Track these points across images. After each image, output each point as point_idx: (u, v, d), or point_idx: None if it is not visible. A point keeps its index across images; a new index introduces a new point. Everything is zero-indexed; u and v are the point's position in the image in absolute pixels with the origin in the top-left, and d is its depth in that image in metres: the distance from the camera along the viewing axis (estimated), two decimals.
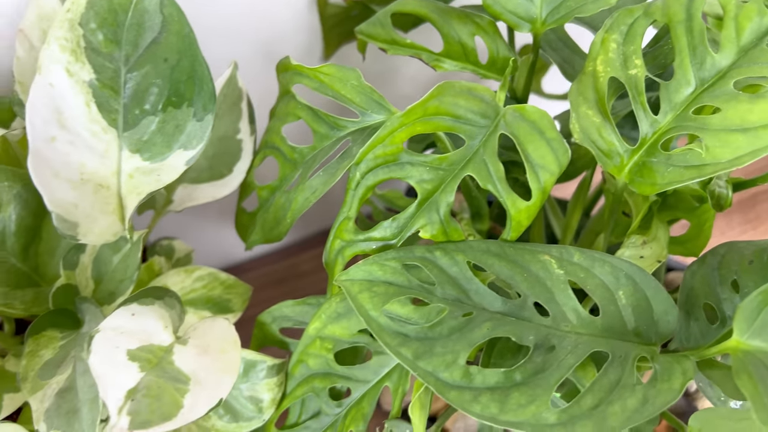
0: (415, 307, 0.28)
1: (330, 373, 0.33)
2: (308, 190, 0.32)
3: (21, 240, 0.34)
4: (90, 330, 0.33)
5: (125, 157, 0.31)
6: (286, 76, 0.33)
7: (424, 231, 0.29)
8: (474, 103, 0.28)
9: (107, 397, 0.26)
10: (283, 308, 0.35)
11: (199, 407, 0.27)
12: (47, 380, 0.32)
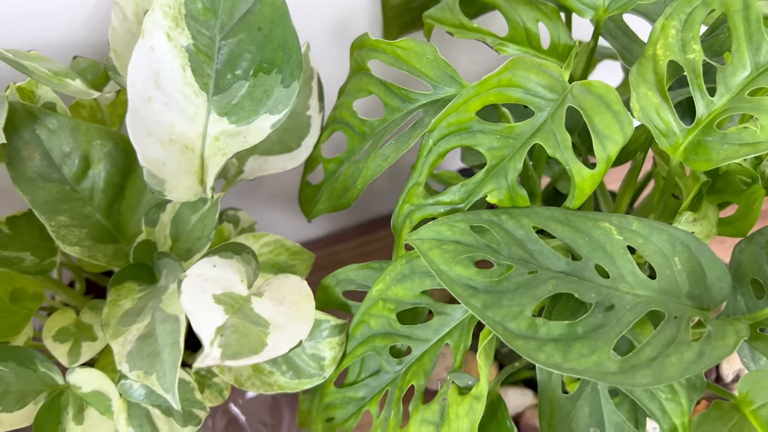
0: (478, 270, 0.30)
1: (391, 333, 0.35)
2: (380, 157, 0.34)
3: (107, 197, 0.36)
4: (167, 283, 0.35)
5: (213, 120, 0.33)
6: (362, 53, 0.36)
7: (491, 196, 0.31)
8: (543, 77, 0.30)
9: (200, 331, 0.28)
10: (347, 271, 0.37)
11: (281, 345, 0.29)
12: (127, 327, 0.34)
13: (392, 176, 0.67)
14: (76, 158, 0.35)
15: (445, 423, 0.30)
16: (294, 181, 0.59)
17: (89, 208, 0.36)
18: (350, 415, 0.37)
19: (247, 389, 0.37)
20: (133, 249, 0.36)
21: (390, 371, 0.35)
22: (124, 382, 0.34)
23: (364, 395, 0.36)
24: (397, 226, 0.33)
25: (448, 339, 0.33)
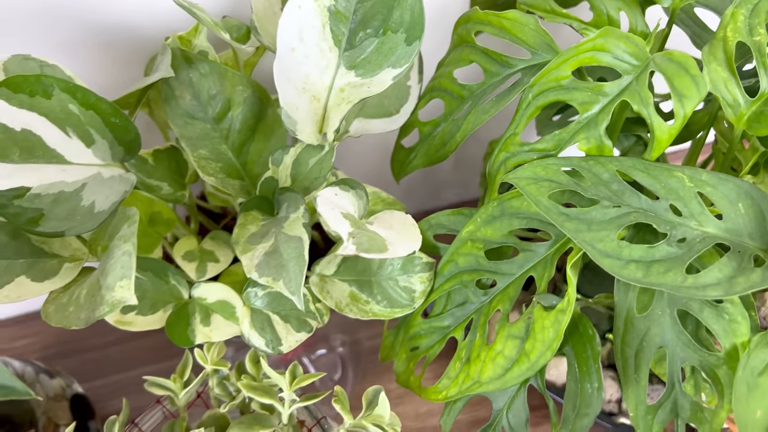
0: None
1: (478, 269, 0.40)
2: (480, 111, 0.39)
3: (240, 138, 0.42)
4: (287, 214, 0.40)
5: (341, 74, 0.39)
6: (467, 26, 0.41)
7: (581, 144, 0.36)
8: (630, 46, 0.36)
9: (340, 230, 0.33)
10: (439, 217, 0.42)
11: (400, 250, 0.34)
12: (254, 245, 0.39)
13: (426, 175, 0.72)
14: (220, 101, 0.41)
15: (530, 336, 0.35)
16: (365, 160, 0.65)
17: (224, 146, 0.42)
18: (434, 343, 0.42)
19: (346, 314, 0.42)
20: (261, 183, 0.41)
21: (475, 302, 0.40)
22: (249, 291, 0.40)
23: (449, 324, 0.41)
24: (492, 172, 0.39)
25: (532, 272, 0.38)
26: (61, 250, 0.39)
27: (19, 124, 0.35)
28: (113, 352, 0.69)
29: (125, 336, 0.70)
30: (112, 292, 0.32)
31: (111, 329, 0.70)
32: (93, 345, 0.70)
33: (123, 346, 0.69)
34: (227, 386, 0.42)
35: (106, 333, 0.70)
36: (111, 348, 0.69)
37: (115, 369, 0.67)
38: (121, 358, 0.68)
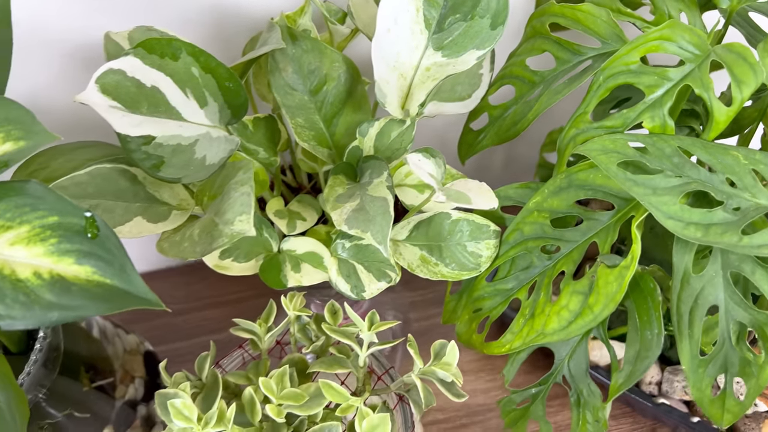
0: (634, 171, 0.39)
1: (543, 236, 0.44)
2: (552, 93, 0.43)
3: (332, 110, 0.47)
4: (371, 179, 0.45)
5: (428, 54, 0.44)
6: (542, 19, 0.46)
7: (646, 122, 0.40)
8: (693, 37, 0.40)
9: (431, 180, 0.38)
10: (507, 190, 0.46)
11: (482, 204, 0.38)
12: (342, 204, 0.44)
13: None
14: (317, 75, 0.46)
15: (593, 291, 0.39)
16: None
17: (317, 116, 0.46)
18: (497, 304, 0.46)
19: (417, 274, 0.46)
20: (348, 150, 0.46)
21: (539, 266, 0.44)
22: (336, 243, 0.44)
23: (512, 287, 0.45)
24: (562, 147, 0.43)
25: (595, 238, 0.42)
26: (170, 199, 0.44)
27: (149, 82, 0.40)
28: (178, 321, 0.74)
29: (189, 308, 0.75)
30: (231, 225, 0.37)
31: (178, 300, 0.75)
32: (159, 314, 0.74)
33: (186, 317, 0.74)
34: (307, 332, 0.46)
35: (174, 303, 0.75)
36: (176, 317, 0.74)
37: (179, 337, 0.71)
38: (184, 327, 0.73)
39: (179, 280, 0.78)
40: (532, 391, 0.45)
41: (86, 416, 0.53)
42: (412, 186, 0.49)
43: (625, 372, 0.39)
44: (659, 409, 0.54)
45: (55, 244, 0.34)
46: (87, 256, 0.34)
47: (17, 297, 0.33)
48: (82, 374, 0.54)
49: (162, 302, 0.34)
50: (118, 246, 0.34)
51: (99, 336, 0.57)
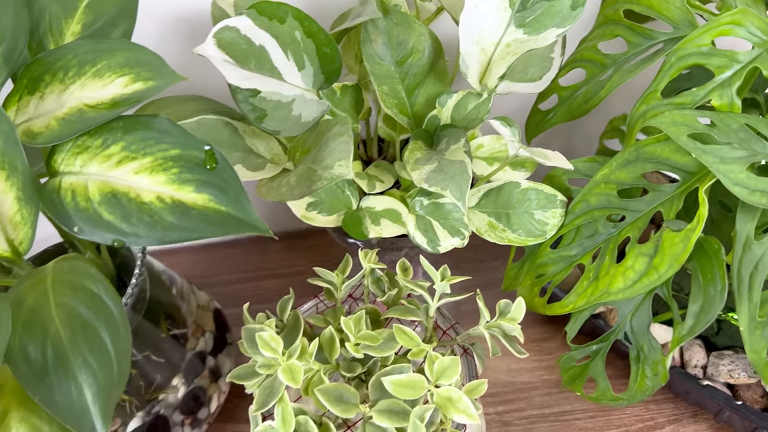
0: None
1: (609, 206, 0.47)
2: (624, 72, 0.47)
3: (414, 81, 0.50)
4: (448, 146, 0.48)
5: (510, 31, 0.47)
6: (616, 6, 0.49)
7: (714, 100, 0.43)
8: (761, 24, 0.43)
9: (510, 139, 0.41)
10: (576, 163, 0.49)
11: (558, 164, 0.42)
12: (421, 166, 0.47)
13: None
14: (405, 47, 0.49)
15: (659, 253, 0.42)
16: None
17: (400, 86, 0.50)
18: (561, 270, 0.49)
19: (485, 238, 0.49)
20: (428, 119, 0.49)
21: (604, 233, 0.47)
22: (415, 200, 0.47)
23: (576, 253, 0.48)
24: (632, 123, 0.46)
25: (660, 207, 0.45)
26: (266, 152, 0.48)
27: (258, 41, 0.44)
28: (237, 288, 0.77)
29: (245, 278, 0.79)
30: (331, 170, 0.40)
31: (234, 270, 0.79)
32: (220, 281, 0.78)
33: (244, 285, 0.78)
34: (380, 285, 0.49)
35: (233, 272, 0.79)
36: (235, 285, 0.78)
37: (237, 303, 0.75)
38: (243, 294, 0.77)
39: (237, 252, 0.82)
40: (593, 347, 0.48)
41: (161, 361, 0.57)
42: (482, 158, 0.53)
43: (688, 325, 0.41)
44: (704, 390, 0.56)
45: (177, 173, 0.38)
46: (205, 185, 0.38)
47: (142, 217, 0.37)
48: (162, 322, 0.58)
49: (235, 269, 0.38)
50: (234, 178, 0.38)
51: (177, 291, 0.60)
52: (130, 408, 0.55)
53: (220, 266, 0.80)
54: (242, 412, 0.67)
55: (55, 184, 0.39)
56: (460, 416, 0.40)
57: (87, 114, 0.39)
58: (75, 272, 0.40)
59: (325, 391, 0.42)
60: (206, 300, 0.64)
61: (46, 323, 0.38)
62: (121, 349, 0.38)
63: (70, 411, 0.37)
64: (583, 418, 0.65)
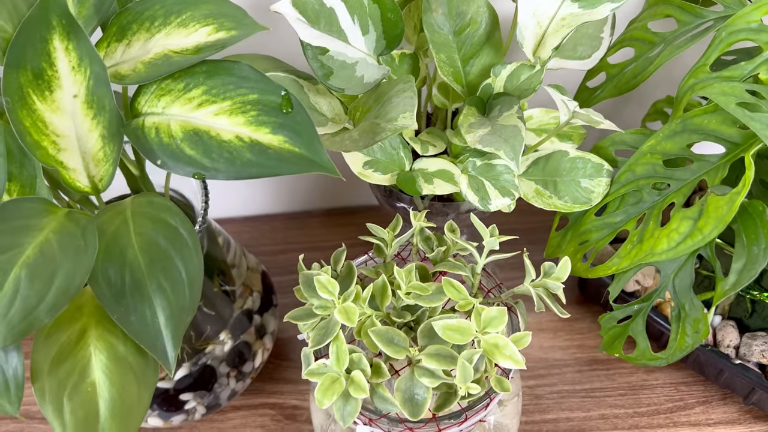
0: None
1: (654, 176, 0.49)
2: (674, 48, 0.49)
3: (470, 51, 0.53)
4: (500, 113, 0.51)
5: (565, 5, 0.50)
6: None
7: (762, 74, 0.45)
8: None
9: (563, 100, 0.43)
10: (622, 135, 0.51)
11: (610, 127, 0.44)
12: (475, 130, 0.49)
13: None
14: (463, 18, 0.52)
15: (703, 215, 0.44)
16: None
17: (457, 55, 0.53)
18: (604, 236, 0.51)
19: (531, 203, 0.52)
20: (482, 87, 0.52)
21: (649, 201, 0.49)
22: (468, 161, 0.50)
23: (620, 219, 0.50)
24: (680, 95, 0.48)
25: (705, 176, 0.47)
26: (328, 111, 0.51)
27: (329, 3, 0.47)
28: (280, 258, 0.80)
29: (287, 249, 0.82)
30: (395, 122, 0.43)
31: (277, 242, 0.82)
32: (264, 251, 0.81)
33: (287, 255, 0.81)
34: (429, 244, 0.51)
35: (276, 244, 0.82)
36: (278, 255, 0.81)
37: (280, 272, 0.78)
38: (285, 264, 0.79)
39: (279, 225, 0.85)
40: (634, 307, 0.49)
41: (212, 314, 0.60)
42: (531, 129, 0.55)
43: (731, 281, 0.43)
44: (736, 369, 0.58)
45: (255, 116, 0.41)
46: (281, 127, 0.40)
47: (222, 153, 0.40)
48: (215, 278, 0.61)
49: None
50: (308, 122, 0.40)
51: (231, 251, 0.63)
52: (181, 354, 0.58)
53: (263, 237, 0.83)
54: (282, 373, 0.70)
55: (139, 123, 0.42)
56: (507, 362, 0.42)
57: (172, 58, 0.42)
58: (153, 206, 0.43)
59: (377, 332, 0.44)
60: (255, 263, 0.67)
61: (126, 250, 0.41)
62: (194, 277, 0.41)
63: (144, 332, 0.39)
64: (614, 395, 0.66)
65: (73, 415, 0.39)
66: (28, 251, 0.37)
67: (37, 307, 0.35)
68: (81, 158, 0.43)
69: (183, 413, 0.60)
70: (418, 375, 0.43)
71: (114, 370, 0.40)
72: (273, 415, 0.66)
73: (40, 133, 0.41)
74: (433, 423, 0.45)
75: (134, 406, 0.41)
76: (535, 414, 0.65)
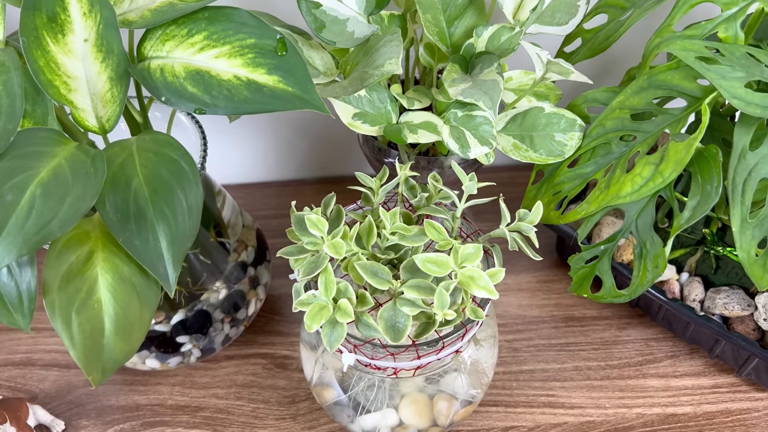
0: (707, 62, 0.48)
1: (622, 129, 0.52)
2: (642, 10, 0.53)
3: (455, 13, 0.57)
4: (481, 71, 0.54)
5: None
6: None
7: (720, 32, 0.49)
8: None
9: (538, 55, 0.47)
10: (595, 93, 0.55)
11: (580, 79, 0.47)
12: (457, 84, 0.53)
13: None
14: None
15: (664, 160, 0.47)
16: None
17: (441, 17, 0.56)
18: (576, 186, 0.54)
19: (509, 155, 0.55)
20: (465, 46, 0.55)
21: (617, 152, 0.52)
22: (449, 113, 0.53)
23: (591, 170, 0.53)
24: (646, 53, 0.52)
25: (668, 127, 0.50)
26: (320, 65, 0.54)
27: None
28: (274, 222, 0.84)
29: (280, 214, 0.85)
30: (382, 68, 0.46)
31: (270, 207, 0.85)
32: (259, 215, 0.85)
33: (281, 220, 0.84)
34: (414, 191, 0.55)
35: (270, 209, 0.85)
36: (272, 219, 0.84)
37: (274, 235, 0.81)
38: (278, 227, 0.83)
39: (272, 192, 0.88)
40: (600, 247, 0.53)
41: (208, 262, 0.63)
42: (511, 89, 0.59)
43: (686, 216, 0.47)
44: (700, 320, 0.62)
45: (252, 58, 0.44)
46: (276, 68, 0.44)
47: (221, 91, 0.44)
48: (211, 229, 0.64)
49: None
50: (301, 64, 0.44)
51: (228, 207, 0.67)
52: (179, 298, 0.62)
53: (257, 203, 0.87)
54: (274, 326, 0.73)
55: (145, 65, 0.46)
56: (481, 291, 0.46)
57: (177, 5, 0.45)
58: (156, 142, 0.46)
59: (363, 265, 0.47)
60: (251, 221, 0.70)
61: (131, 179, 0.44)
62: (193, 206, 0.44)
63: (147, 255, 0.43)
64: (587, 350, 0.70)
65: (80, 329, 0.43)
66: (42, 173, 0.40)
67: (50, 222, 0.39)
68: (90, 99, 0.46)
69: (179, 355, 0.64)
70: (400, 305, 0.46)
71: (119, 289, 0.44)
72: (264, 364, 0.69)
73: (53, 73, 0.45)
74: (413, 349, 0.48)
75: (136, 324, 0.44)
76: (513, 365, 0.69)
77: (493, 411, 0.65)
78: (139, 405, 0.66)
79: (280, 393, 0.67)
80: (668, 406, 0.65)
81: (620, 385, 0.66)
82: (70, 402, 0.67)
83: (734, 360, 0.64)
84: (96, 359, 0.43)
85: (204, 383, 0.68)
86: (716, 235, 0.62)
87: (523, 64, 0.66)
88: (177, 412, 0.65)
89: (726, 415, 0.64)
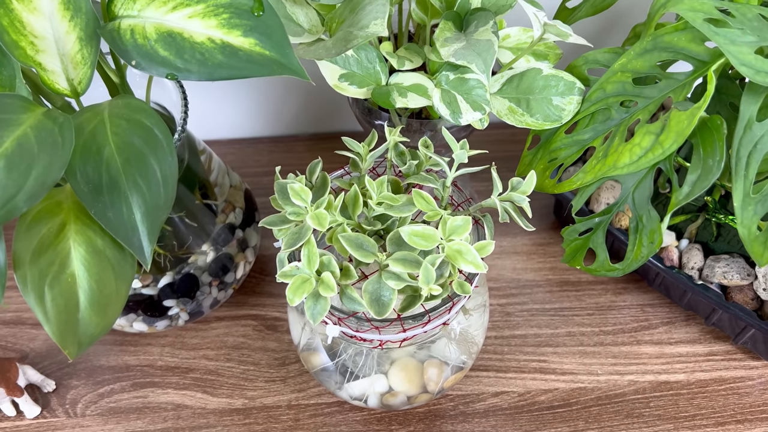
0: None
1: (623, 93, 0.50)
2: None
3: None
4: (476, 28, 0.51)
5: None
6: None
7: None
8: None
9: (534, 13, 0.44)
10: (596, 54, 0.52)
11: (577, 41, 0.44)
12: (450, 44, 0.50)
13: None
14: None
15: (665, 130, 0.45)
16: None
17: None
18: (573, 153, 0.52)
19: (504, 120, 0.53)
20: (460, 2, 0.52)
21: (617, 118, 0.50)
22: (441, 75, 0.51)
23: (589, 137, 0.51)
24: (652, 13, 0.48)
25: (671, 93, 0.48)
26: (305, 22, 0.51)
27: None
28: (264, 180, 0.82)
29: (271, 171, 0.83)
30: (367, 29, 0.43)
31: (261, 164, 0.83)
32: (249, 173, 0.83)
33: (272, 177, 0.82)
34: (403, 158, 0.53)
35: (260, 166, 0.83)
36: (263, 177, 0.82)
37: (264, 193, 0.79)
38: (269, 185, 0.81)
39: (263, 148, 0.86)
40: (595, 220, 0.51)
41: (194, 225, 0.62)
42: (508, 48, 0.56)
43: (685, 191, 0.45)
44: (698, 289, 0.60)
45: (227, 19, 0.41)
46: (252, 30, 0.41)
47: (194, 55, 0.41)
48: (196, 191, 0.62)
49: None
50: (278, 25, 0.41)
51: (214, 167, 0.65)
52: (164, 262, 0.60)
53: (248, 160, 0.84)
54: (264, 287, 0.72)
55: (115, 26, 0.43)
56: (468, 266, 0.44)
57: None
58: (129, 107, 0.44)
59: (347, 237, 0.46)
60: (238, 181, 0.68)
61: (103, 148, 0.42)
62: (168, 176, 0.42)
63: (121, 227, 0.41)
64: (582, 315, 0.69)
65: (54, 303, 0.41)
66: (6, 144, 0.38)
67: (16, 195, 0.37)
68: (60, 60, 0.44)
69: (167, 319, 0.63)
70: (385, 278, 0.45)
71: (93, 262, 0.43)
72: (255, 326, 0.69)
73: (18, 33, 0.42)
74: (398, 323, 0.47)
75: (112, 298, 0.43)
76: (505, 330, 0.68)
77: (484, 376, 0.64)
78: (130, 365, 0.66)
79: (270, 355, 0.67)
80: (661, 374, 0.64)
81: (613, 351, 0.66)
82: (61, 362, 0.66)
83: (731, 328, 0.63)
84: (72, 334, 0.42)
85: (194, 344, 0.67)
86: (719, 203, 0.59)
87: (523, 20, 0.62)
88: (167, 373, 0.65)
89: (719, 383, 0.63)
